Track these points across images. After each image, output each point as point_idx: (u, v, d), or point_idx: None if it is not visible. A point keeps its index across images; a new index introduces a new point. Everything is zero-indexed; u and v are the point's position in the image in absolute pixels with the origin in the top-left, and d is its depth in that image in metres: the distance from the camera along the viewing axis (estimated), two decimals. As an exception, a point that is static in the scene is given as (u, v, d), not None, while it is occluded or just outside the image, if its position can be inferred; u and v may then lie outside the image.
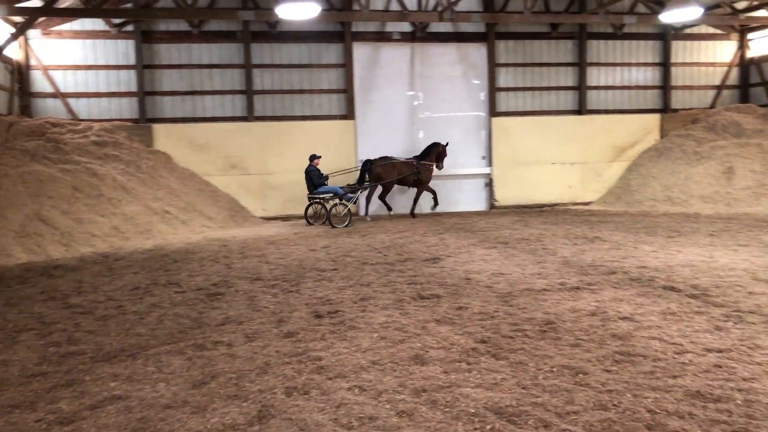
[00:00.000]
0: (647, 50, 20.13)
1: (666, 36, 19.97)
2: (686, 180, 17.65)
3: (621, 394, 4.18)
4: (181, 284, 8.39)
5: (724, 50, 20.63)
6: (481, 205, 19.18)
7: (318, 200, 15.83)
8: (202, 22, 17.50)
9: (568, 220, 15.44)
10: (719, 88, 20.61)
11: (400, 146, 18.55)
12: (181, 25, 17.53)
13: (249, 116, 17.78)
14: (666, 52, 20.07)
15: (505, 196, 19.00)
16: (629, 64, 20.02)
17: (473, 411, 4.00)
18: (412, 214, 17.49)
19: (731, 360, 4.81)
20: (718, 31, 20.41)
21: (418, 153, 17.64)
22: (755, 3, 18.07)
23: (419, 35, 18.39)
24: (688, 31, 20.14)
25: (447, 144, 17.45)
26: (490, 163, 18.95)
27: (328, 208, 15.40)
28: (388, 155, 17.53)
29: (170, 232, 13.48)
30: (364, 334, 5.80)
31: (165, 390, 4.53)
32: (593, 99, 19.81)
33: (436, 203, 17.53)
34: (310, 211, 16.35)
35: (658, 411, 3.90)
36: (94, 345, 5.68)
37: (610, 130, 19.51)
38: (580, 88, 19.54)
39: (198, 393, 4.46)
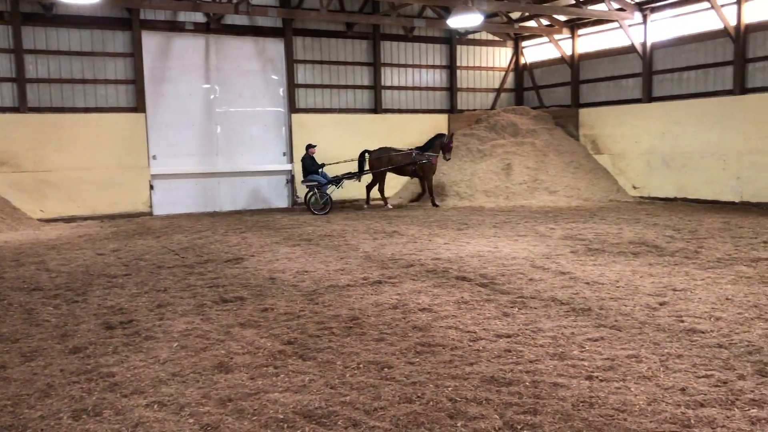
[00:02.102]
0: (435, 53, 21.34)
1: (452, 40, 21.31)
2: (472, 176, 18.99)
3: (424, 386, 4.34)
4: (-61, 300, 7.27)
5: (502, 56, 22.51)
6: (283, 201, 19.06)
7: (309, 186, 16.65)
8: (-40, -2, 15.35)
9: (367, 215, 15.89)
10: (498, 91, 22.46)
11: (197, 141, 17.80)
12: (-67, 1, 15.22)
13: (21, 107, 15.92)
14: (452, 56, 21.42)
15: (307, 192, 19.07)
16: (420, 66, 21.07)
17: (282, 417, 3.91)
18: (434, 204, 17.61)
19: (519, 344, 5.22)
20: (497, 38, 22.23)
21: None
22: (527, 14, 19.94)
23: (214, 27, 17.75)
24: (471, 36, 21.66)
25: (453, 134, 18.07)
26: (291, 160, 18.88)
27: (309, 195, 16.67)
28: (387, 146, 17.91)
29: (-76, 240, 11.67)
30: (162, 344, 5.44)
31: None
32: (388, 98, 20.56)
33: (424, 195, 17.94)
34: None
35: (459, 399, 4.10)
36: None
37: (404, 128, 20.38)
38: (376, 87, 20.19)
39: (-37, 428, 3.87)
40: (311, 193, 16.61)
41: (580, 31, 20.21)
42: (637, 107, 18.40)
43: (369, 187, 17.89)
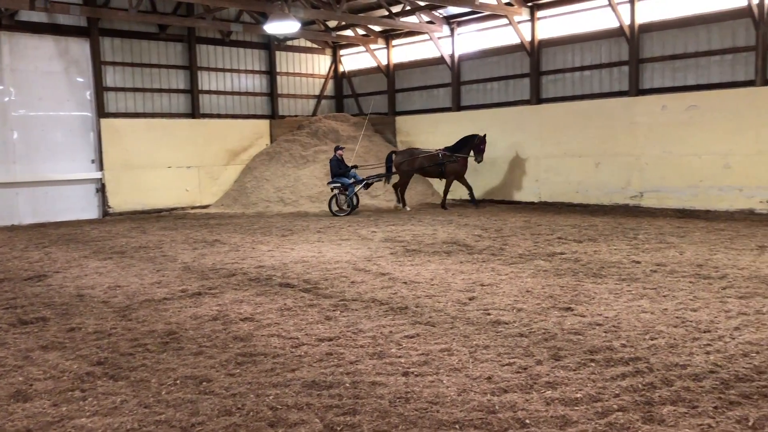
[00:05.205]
0: (255, 59, 21.11)
1: (271, 46, 21.20)
2: (295, 182, 19.03)
3: (245, 396, 4.28)
4: None
5: (322, 63, 22.81)
6: (92, 212, 17.76)
7: (335, 188, 16.36)
8: None
9: (187, 224, 15.31)
10: (319, 98, 22.71)
11: (-11, 148, 16.08)
12: None
13: None
14: (272, 62, 21.32)
15: (120, 202, 17.95)
16: (238, 71, 20.71)
17: (90, 443, 3.66)
18: (443, 206, 17.00)
19: (340, 346, 5.32)
20: (316, 46, 22.47)
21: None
22: (343, 23, 20.38)
23: (6, 23, 16.12)
24: (290, 43, 21.69)
25: (485, 135, 16.82)
26: (101, 168, 17.67)
27: (330, 197, 16.43)
28: (415, 147, 17.96)
29: None
30: (-54, 376, 4.85)
31: None
32: (206, 103, 19.97)
33: (472, 199, 17.08)
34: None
35: (279, 407, 4.09)
36: None
37: (224, 134, 19.93)
38: (193, 91, 19.53)
39: None
40: (335, 195, 16.31)
41: (394, 42, 21.03)
42: (448, 115, 19.53)
43: (395, 187, 17.29)
